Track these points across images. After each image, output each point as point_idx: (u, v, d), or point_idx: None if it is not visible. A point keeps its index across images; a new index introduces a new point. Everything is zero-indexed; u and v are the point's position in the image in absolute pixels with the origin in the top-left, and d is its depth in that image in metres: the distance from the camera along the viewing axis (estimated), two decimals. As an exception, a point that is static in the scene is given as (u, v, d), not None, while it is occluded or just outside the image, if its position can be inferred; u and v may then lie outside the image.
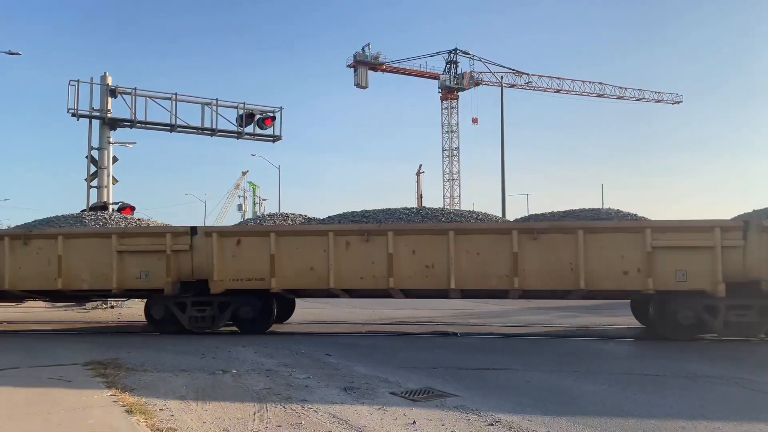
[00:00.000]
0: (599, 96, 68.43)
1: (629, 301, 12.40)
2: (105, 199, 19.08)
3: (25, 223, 13.17)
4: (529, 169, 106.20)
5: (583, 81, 67.46)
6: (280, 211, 13.88)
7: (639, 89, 69.71)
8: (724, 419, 5.56)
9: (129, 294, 12.63)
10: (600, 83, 67.85)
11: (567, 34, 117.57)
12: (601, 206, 13.43)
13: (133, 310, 16.92)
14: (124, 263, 11.54)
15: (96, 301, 16.69)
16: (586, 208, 11.92)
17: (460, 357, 8.93)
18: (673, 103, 72.03)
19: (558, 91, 67.28)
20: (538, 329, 12.56)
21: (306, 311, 15.52)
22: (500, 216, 14.84)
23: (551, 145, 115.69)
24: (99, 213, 14.37)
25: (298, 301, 14.02)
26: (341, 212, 12.39)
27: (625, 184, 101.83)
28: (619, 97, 69.23)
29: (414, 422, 5.46)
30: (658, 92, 70.78)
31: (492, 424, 5.40)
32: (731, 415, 5.74)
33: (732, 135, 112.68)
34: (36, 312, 16.74)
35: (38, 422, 5.47)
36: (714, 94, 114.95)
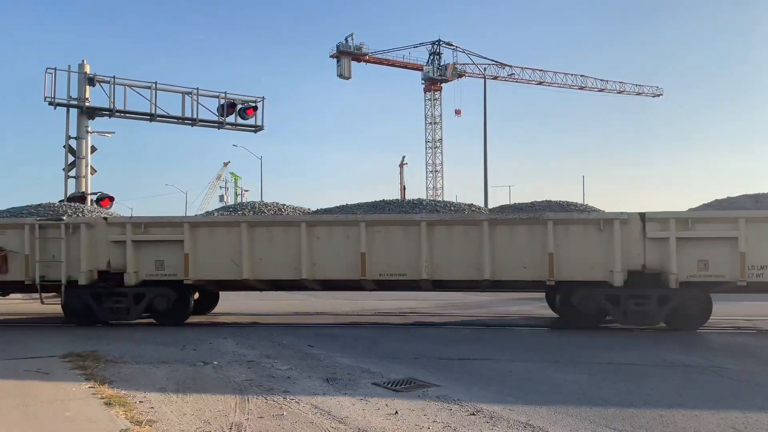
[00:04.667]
0: (581, 88, 68.92)
1: None
2: (83, 190, 18.78)
3: None
4: (512, 161, 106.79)
5: (565, 73, 67.88)
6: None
7: (620, 82, 70.38)
8: (701, 407, 5.65)
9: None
10: (582, 75, 68.33)
11: (550, 27, 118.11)
12: (582, 198, 13.55)
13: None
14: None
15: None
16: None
17: (442, 347, 8.97)
18: (653, 96, 72.80)
19: (540, 83, 67.59)
20: (519, 319, 12.65)
21: (288, 303, 15.48)
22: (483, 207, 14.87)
23: (534, 137, 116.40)
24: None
25: (280, 292, 13.97)
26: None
27: (606, 175, 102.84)
28: (601, 90, 69.81)
29: (396, 412, 5.47)
30: (639, 85, 71.47)
31: (473, 414, 5.43)
32: (708, 402, 5.84)
33: (712, 128, 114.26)
34: (11, 304, 16.47)
35: (15, 415, 5.38)
36: (696, 87, 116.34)
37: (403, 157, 67.19)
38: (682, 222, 10.30)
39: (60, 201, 18.72)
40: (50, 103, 18.40)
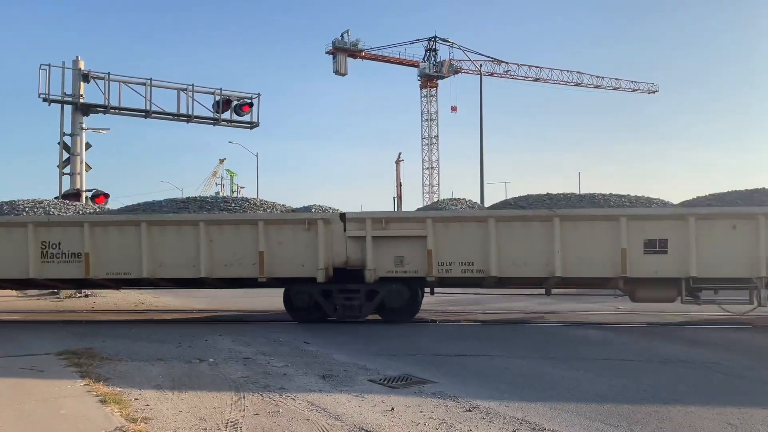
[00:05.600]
0: (577, 85, 68.85)
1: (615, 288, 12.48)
2: (78, 187, 18.70)
3: None
4: (508, 157, 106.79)
5: (561, 70, 67.78)
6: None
7: (615, 78, 70.33)
8: (697, 403, 5.66)
9: None
10: (578, 72, 68.26)
11: (546, 23, 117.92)
12: (578, 192, 13.50)
13: (107, 299, 16.71)
14: None
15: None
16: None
17: (438, 344, 8.97)
18: (648, 93, 72.80)
19: (536, 79, 67.49)
20: (516, 316, 12.66)
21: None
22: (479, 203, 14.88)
23: (530, 133, 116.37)
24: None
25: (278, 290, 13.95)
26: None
27: (602, 172, 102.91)
28: (597, 86, 69.74)
29: (392, 409, 5.46)
30: (634, 81, 71.42)
31: (470, 410, 5.43)
32: (703, 398, 5.85)
33: (708, 125, 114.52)
34: (7, 301, 16.42)
35: (10, 413, 5.36)
36: (691, 85, 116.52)
37: (399, 154, 66.94)
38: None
39: (55, 198, 18.67)
40: (44, 100, 18.30)
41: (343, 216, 11.27)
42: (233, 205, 12.15)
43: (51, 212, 12.11)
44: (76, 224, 11.46)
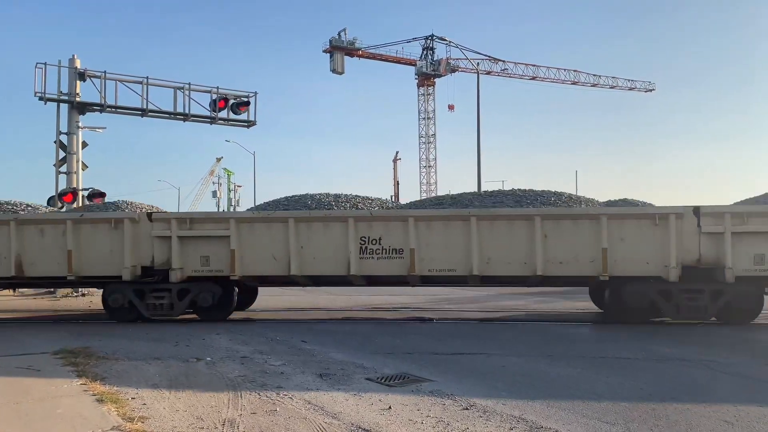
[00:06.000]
0: (574, 83, 68.98)
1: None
2: (74, 186, 18.65)
3: None
4: (505, 155, 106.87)
5: (558, 68, 67.91)
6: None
7: (612, 77, 70.43)
8: (694, 401, 5.68)
9: None
10: (575, 71, 68.39)
11: (543, 22, 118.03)
12: (575, 192, 13.72)
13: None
14: None
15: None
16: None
17: (435, 342, 8.97)
18: (645, 91, 72.95)
19: (534, 78, 67.58)
20: (512, 314, 12.68)
21: (281, 298, 15.46)
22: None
23: (527, 132, 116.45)
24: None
25: (274, 288, 13.96)
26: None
27: (599, 170, 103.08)
28: (594, 85, 69.88)
29: (389, 407, 5.46)
30: (631, 80, 71.57)
31: (467, 409, 5.43)
32: (699, 396, 5.87)
33: (705, 124, 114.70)
34: (3, 300, 16.37)
35: (6, 412, 5.34)
36: (688, 83, 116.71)
37: (397, 153, 67.24)
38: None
39: (51, 197, 18.65)
40: (40, 99, 18.25)
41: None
42: None
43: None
44: (399, 219, 11.11)
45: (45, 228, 11.48)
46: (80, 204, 18.44)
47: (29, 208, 12.47)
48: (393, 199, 41.21)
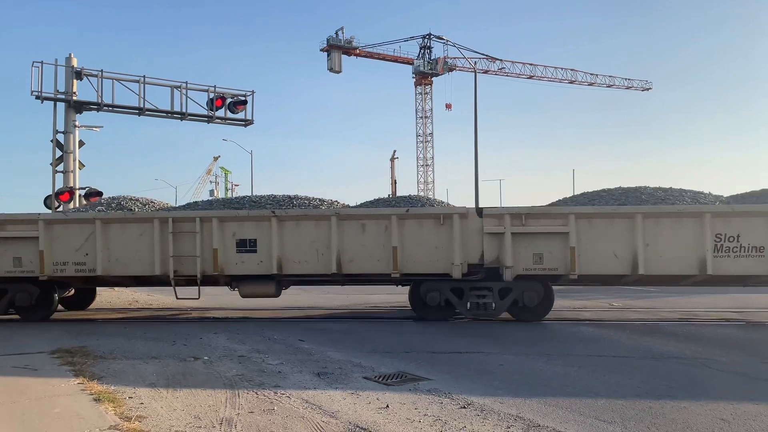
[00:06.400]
0: (571, 82, 69.02)
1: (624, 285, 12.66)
2: (71, 185, 18.61)
3: None
4: (502, 154, 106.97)
5: (555, 67, 67.95)
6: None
7: (609, 76, 70.52)
8: (690, 399, 5.69)
9: None
10: (572, 69, 68.44)
11: (540, 21, 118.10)
12: (573, 192, 13.67)
13: (102, 297, 16.63)
14: None
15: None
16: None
17: (433, 341, 8.98)
18: (642, 90, 73.03)
19: (531, 77, 67.60)
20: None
21: (281, 298, 15.43)
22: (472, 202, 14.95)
23: (525, 131, 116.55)
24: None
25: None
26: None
27: (596, 169, 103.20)
28: (591, 84, 69.92)
29: (387, 406, 5.47)
30: (628, 79, 71.66)
31: (464, 407, 5.44)
32: (697, 394, 5.88)
33: (701, 123, 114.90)
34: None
35: (3, 412, 5.33)
36: (685, 82, 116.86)
37: (394, 152, 67.17)
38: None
39: (47, 196, 18.59)
40: (37, 97, 18.19)
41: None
42: None
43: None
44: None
45: (367, 223, 11.13)
46: (77, 203, 18.40)
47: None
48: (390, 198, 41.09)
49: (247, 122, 21.44)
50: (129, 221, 11.37)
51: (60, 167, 18.86)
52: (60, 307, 12.81)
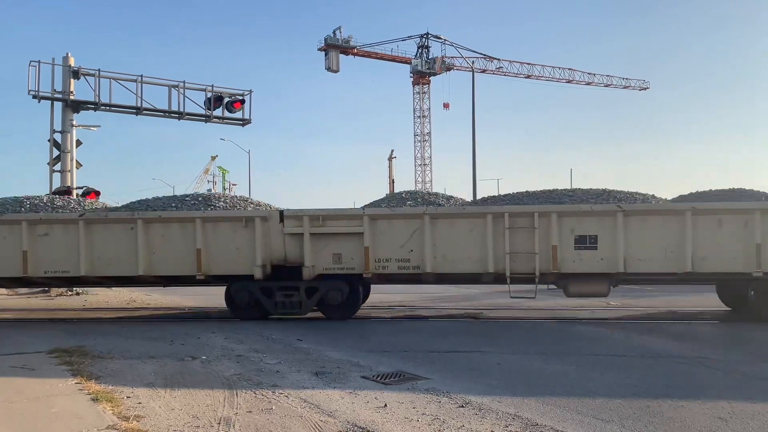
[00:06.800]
0: (569, 81, 69.06)
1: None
2: (68, 184, 18.58)
3: None
4: (500, 153, 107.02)
5: (553, 66, 67.97)
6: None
7: (607, 75, 70.59)
8: (688, 397, 5.70)
9: None
10: (570, 69, 68.48)
11: (538, 20, 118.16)
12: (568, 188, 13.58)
13: (99, 297, 16.63)
14: None
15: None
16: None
17: (431, 340, 8.98)
18: (640, 89, 73.12)
19: (529, 76, 67.62)
20: (507, 312, 12.70)
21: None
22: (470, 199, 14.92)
23: (523, 130, 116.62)
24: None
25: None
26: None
27: (594, 168, 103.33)
28: (588, 83, 69.98)
29: (385, 405, 5.47)
30: (626, 78, 71.73)
31: (462, 406, 5.44)
32: (694, 393, 5.90)
33: (698, 122, 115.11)
34: (-2, 300, 16.31)
35: (0, 412, 5.32)
36: (683, 82, 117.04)
37: (392, 151, 67.09)
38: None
39: (46, 195, 18.52)
40: (34, 97, 18.16)
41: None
42: None
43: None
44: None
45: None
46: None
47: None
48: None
49: (244, 121, 21.43)
50: (458, 216, 10.93)
51: (57, 167, 18.84)
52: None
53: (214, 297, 14.32)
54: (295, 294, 11.20)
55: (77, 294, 17.17)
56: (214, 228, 11.12)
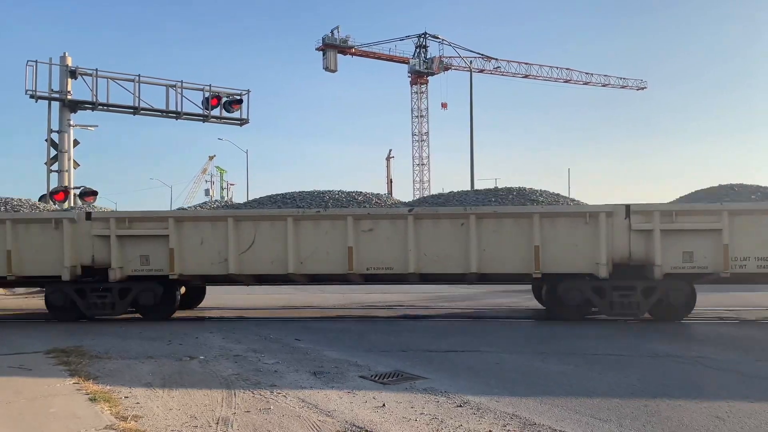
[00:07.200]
0: (566, 81, 69.26)
1: None
2: (66, 184, 18.57)
3: None
4: (498, 153, 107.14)
5: (550, 66, 68.19)
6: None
7: (605, 75, 70.76)
8: (686, 397, 5.71)
9: None
10: (567, 69, 68.67)
11: (536, 20, 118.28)
12: (567, 191, 13.72)
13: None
14: None
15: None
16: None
17: (429, 340, 8.98)
18: (637, 89, 73.30)
19: (526, 76, 67.80)
20: (506, 312, 12.71)
21: (274, 297, 15.43)
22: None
23: (520, 130, 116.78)
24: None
25: (267, 286, 13.95)
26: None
27: (592, 168, 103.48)
28: (586, 83, 70.19)
29: (383, 405, 5.47)
30: (623, 78, 71.90)
31: (460, 406, 5.45)
32: (692, 392, 5.90)
33: (695, 122, 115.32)
34: (-5, 300, 16.26)
35: (-3, 412, 5.31)
36: (680, 82, 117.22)
37: (390, 151, 67.29)
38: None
39: (42, 195, 18.52)
40: (32, 96, 18.16)
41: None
42: None
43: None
44: None
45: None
46: (72, 203, 18.35)
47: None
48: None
49: (242, 121, 21.44)
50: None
51: (54, 166, 18.84)
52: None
53: (209, 297, 14.32)
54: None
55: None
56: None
